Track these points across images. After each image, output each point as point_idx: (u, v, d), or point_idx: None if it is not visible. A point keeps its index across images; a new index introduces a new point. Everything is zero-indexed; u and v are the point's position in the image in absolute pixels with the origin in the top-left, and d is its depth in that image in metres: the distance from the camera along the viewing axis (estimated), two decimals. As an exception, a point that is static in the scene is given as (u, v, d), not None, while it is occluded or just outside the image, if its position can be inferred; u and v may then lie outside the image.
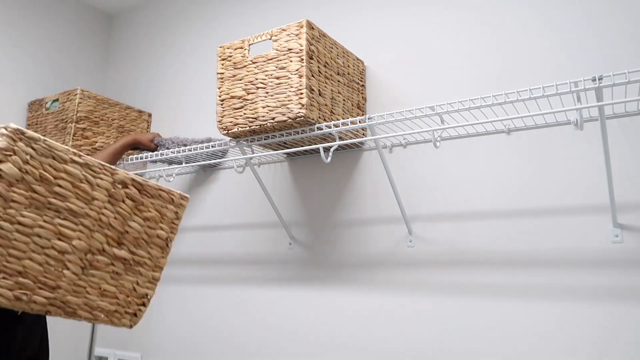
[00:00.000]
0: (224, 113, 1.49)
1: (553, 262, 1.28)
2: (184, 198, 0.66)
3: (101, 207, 0.57)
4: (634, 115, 1.24)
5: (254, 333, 1.76)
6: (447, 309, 1.40)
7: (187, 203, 0.66)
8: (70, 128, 1.98)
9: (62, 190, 0.54)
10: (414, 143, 1.55)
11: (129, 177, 0.59)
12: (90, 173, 0.55)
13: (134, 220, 0.59)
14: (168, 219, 0.62)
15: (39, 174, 0.52)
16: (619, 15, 1.30)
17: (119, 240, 0.58)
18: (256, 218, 1.85)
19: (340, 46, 1.55)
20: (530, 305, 1.29)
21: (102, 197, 0.56)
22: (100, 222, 0.57)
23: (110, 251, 0.58)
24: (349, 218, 1.64)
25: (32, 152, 0.51)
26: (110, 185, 0.57)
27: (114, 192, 0.57)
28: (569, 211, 1.29)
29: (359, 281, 1.57)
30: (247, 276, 1.83)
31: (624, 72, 1.00)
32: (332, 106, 1.46)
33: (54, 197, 0.53)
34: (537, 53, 1.39)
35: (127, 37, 2.55)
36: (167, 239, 0.63)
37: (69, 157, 0.55)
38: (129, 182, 0.58)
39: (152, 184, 0.61)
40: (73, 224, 0.54)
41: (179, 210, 0.64)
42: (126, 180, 0.58)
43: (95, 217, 0.56)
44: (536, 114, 1.11)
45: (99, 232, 0.56)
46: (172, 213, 0.62)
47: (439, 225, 1.46)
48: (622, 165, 1.23)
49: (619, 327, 1.18)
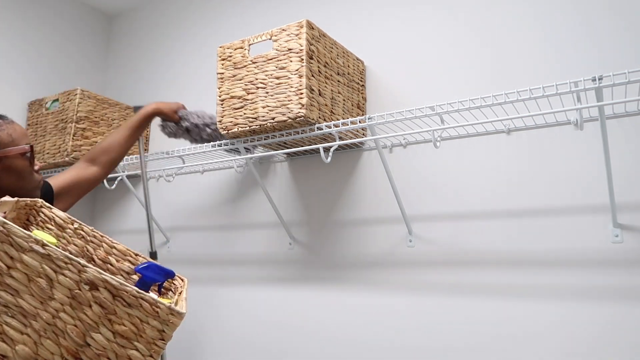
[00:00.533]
0: (224, 113, 1.49)
1: (553, 262, 1.28)
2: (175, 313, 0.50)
3: (59, 309, 0.45)
4: (634, 115, 1.24)
5: (254, 333, 1.76)
6: (447, 308, 1.40)
7: (179, 320, 0.51)
8: (70, 128, 1.98)
9: (14, 282, 0.44)
10: (414, 143, 1.55)
11: (102, 277, 0.46)
12: (52, 267, 0.44)
13: (101, 332, 0.46)
14: (147, 338, 0.49)
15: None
16: (619, 16, 1.30)
17: (75, 354, 0.46)
18: (256, 218, 1.85)
19: (340, 46, 1.55)
20: (530, 305, 1.29)
21: (62, 298, 0.45)
22: (55, 328, 0.45)
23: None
24: (349, 218, 1.64)
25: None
26: (74, 285, 0.45)
27: (78, 293, 0.45)
28: (569, 211, 1.29)
29: (359, 281, 1.57)
30: (247, 276, 1.83)
31: (624, 72, 1.00)
32: (332, 106, 1.46)
33: (3, 289, 0.43)
34: (537, 53, 1.39)
35: (127, 37, 2.55)
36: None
37: (29, 245, 0.44)
38: (101, 284, 0.45)
39: (130, 289, 0.47)
40: (22, 324, 0.43)
41: (166, 328, 0.51)
42: (97, 282, 0.46)
43: (50, 321, 0.45)
44: (536, 114, 1.11)
45: (51, 340, 0.45)
46: (154, 331, 0.49)
47: (439, 225, 1.46)
48: (622, 165, 1.23)
49: (619, 327, 1.18)
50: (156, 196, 2.17)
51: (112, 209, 2.34)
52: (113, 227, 2.32)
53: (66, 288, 0.45)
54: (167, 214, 2.12)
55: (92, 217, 2.41)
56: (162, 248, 2.12)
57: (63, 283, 0.45)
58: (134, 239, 2.23)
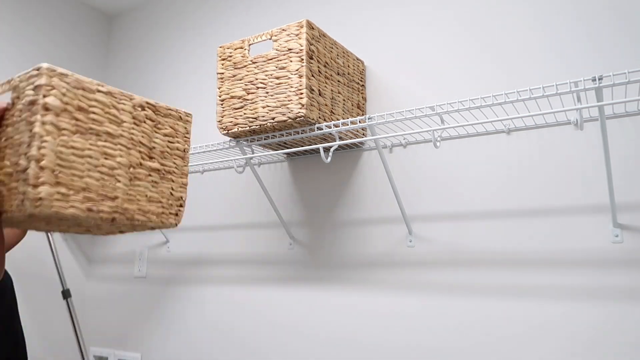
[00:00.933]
0: (224, 113, 1.49)
1: (553, 262, 1.28)
2: (189, 115, 0.76)
3: (130, 128, 0.65)
4: (634, 115, 1.24)
5: (254, 333, 1.76)
6: (447, 308, 1.40)
7: (192, 119, 0.75)
8: (70, 128, 1.97)
9: (97, 116, 0.62)
10: (414, 143, 1.55)
11: (144, 100, 0.68)
12: (115, 100, 0.64)
13: (157, 136, 0.69)
14: (181, 133, 0.72)
15: (77, 104, 0.60)
16: (619, 15, 1.30)
17: (149, 154, 0.68)
18: (256, 218, 1.85)
19: (340, 46, 1.55)
20: (530, 305, 1.29)
21: (128, 120, 0.65)
22: (132, 141, 0.66)
23: (146, 164, 0.68)
24: (349, 218, 1.64)
25: (66, 85, 0.59)
26: (132, 109, 0.66)
27: (136, 114, 0.66)
28: (569, 211, 1.29)
29: (359, 281, 1.57)
30: (247, 276, 1.83)
31: (624, 72, 1.00)
32: (332, 106, 1.46)
33: (92, 123, 0.61)
34: (537, 53, 1.39)
35: (127, 37, 2.55)
36: (184, 150, 0.73)
37: (95, 87, 0.62)
38: (145, 105, 0.67)
39: (162, 105, 0.72)
40: (112, 144, 0.63)
41: (187, 125, 0.74)
42: (142, 104, 0.67)
43: (128, 136, 0.65)
44: (536, 114, 1.11)
45: (134, 149, 0.66)
46: (182, 128, 0.72)
47: (439, 225, 1.46)
48: (622, 166, 1.23)
49: (619, 327, 1.18)
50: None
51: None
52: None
53: (127, 112, 0.64)
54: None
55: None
56: (162, 248, 2.12)
57: (125, 109, 0.64)
58: (133, 238, 2.23)
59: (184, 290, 1.98)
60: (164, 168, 0.74)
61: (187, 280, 1.99)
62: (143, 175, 0.70)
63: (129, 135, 0.68)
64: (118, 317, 2.16)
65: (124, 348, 2.12)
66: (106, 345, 2.13)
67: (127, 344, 2.12)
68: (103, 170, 0.64)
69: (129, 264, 2.21)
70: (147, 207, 0.70)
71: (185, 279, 1.99)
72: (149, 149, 0.71)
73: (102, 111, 0.65)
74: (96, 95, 0.65)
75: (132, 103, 0.68)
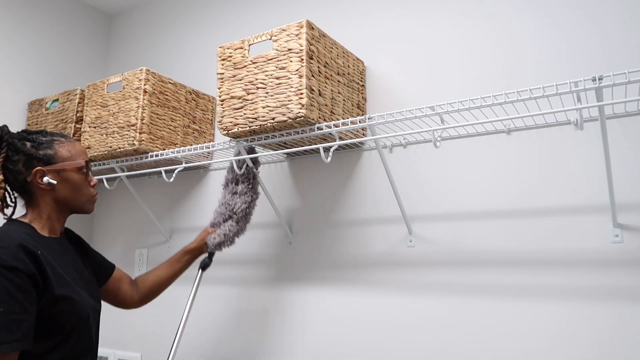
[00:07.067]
0: (224, 113, 1.49)
1: (553, 262, 1.28)
2: (213, 98, 1.36)
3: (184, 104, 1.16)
4: (634, 115, 1.24)
5: (254, 333, 1.76)
6: (446, 308, 1.40)
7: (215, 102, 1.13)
8: (70, 128, 1.98)
9: (168, 97, 1.04)
10: (414, 143, 1.55)
11: (190, 88, 1.23)
12: (176, 88, 1.20)
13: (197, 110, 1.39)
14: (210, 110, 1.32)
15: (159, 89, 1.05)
16: (619, 15, 1.30)
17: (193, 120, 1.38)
18: (256, 218, 1.85)
19: (340, 46, 1.55)
20: (530, 305, 1.29)
21: (183, 100, 1.15)
22: (185, 112, 1.24)
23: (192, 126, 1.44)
24: (349, 218, 1.63)
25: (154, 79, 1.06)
26: (185, 93, 1.15)
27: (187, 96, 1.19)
28: (569, 211, 1.29)
29: (359, 281, 1.57)
30: (247, 276, 1.83)
31: (624, 72, 1.00)
32: (332, 106, 1.46)
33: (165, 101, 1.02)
34: (537, 53, 1.39)
35: (127, 37, 2.55)
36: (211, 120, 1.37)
37: (167, 80, 1.09)
38: (191, 91, 1.17)
39: (199, 92, 1.28)
40: (175, 114, 1.10)
41: (213, 105, 1.36)
42: (190, 90, 1.19)
43: (182, 109, 1.18)
44: (536, 114, 1.11)
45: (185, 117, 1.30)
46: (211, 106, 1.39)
47: (439, 225, 1.46)
48: (622, 165, 1.23)
49: (619, 327, 1.18)
50: (156, 196, 2.17)
51: (112, 208, 2.34)
52: (112, 226, 2.32)
53: (182, 95, 1.20)
54: (167, 213, 2.12)
55: (91, 217, 2.41)
56: (162, 248, 2.12)
57: (181, 93, 1.21)
58: (133, 238, 2.23)
59: (183, 290, 1.98)
60: (200, 129, 1.41)
61: (187, 281, 1.98)
62: (190, 132, 1.21)
63: (183, 108, 1.18)
64: (118, 317, 2.16)
65: (124, 348, 2.12)
66: (106, 345, 2.13)
67: (127, 344, 2.12)
68: (171, 127, 1.09)
69: (129, 264, 2.21)
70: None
71: (185, 279, 1.99)
72: (193, 117, 1.25)
73: (171, 94, 1.11)
74: (167, 85, 1.20)
75: (185, 90, 1.25)
